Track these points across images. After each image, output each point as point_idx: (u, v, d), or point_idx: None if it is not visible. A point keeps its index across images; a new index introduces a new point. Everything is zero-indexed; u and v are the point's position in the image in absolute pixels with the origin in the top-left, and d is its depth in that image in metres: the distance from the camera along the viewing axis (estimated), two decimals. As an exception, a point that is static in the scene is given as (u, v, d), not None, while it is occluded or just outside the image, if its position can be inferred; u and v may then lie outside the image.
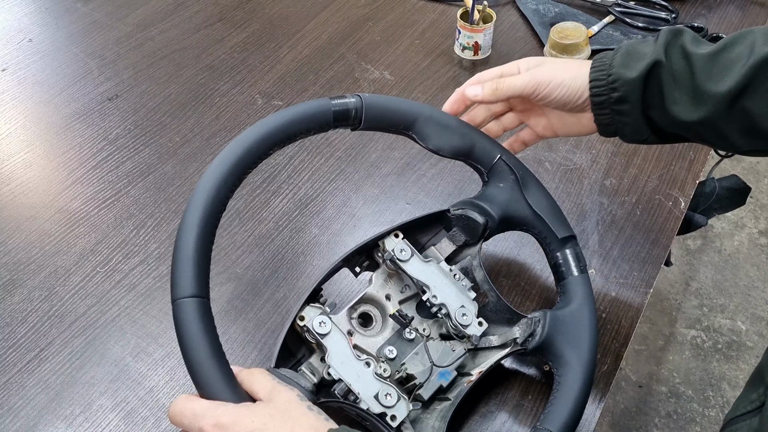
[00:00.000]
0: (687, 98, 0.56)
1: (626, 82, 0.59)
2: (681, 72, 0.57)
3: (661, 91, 0.58)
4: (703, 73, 0.56)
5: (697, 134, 0.59)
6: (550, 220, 0.66)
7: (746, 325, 1.72)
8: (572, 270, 0.66)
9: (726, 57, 0.55)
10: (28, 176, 0.91)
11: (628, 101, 0.60)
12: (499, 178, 0.67)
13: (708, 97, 0.55)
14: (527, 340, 0.63)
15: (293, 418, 0.49)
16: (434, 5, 1.16)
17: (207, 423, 0.48)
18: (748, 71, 0.53)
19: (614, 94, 0.60)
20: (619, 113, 0.61)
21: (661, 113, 0.58)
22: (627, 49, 0.61)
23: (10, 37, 1.13)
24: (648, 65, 0.58)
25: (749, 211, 1.97)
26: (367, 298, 0.66)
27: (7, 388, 0.70)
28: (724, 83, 0.54)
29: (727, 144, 0.58)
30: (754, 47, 0.54)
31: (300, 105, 0.59)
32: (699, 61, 0.56)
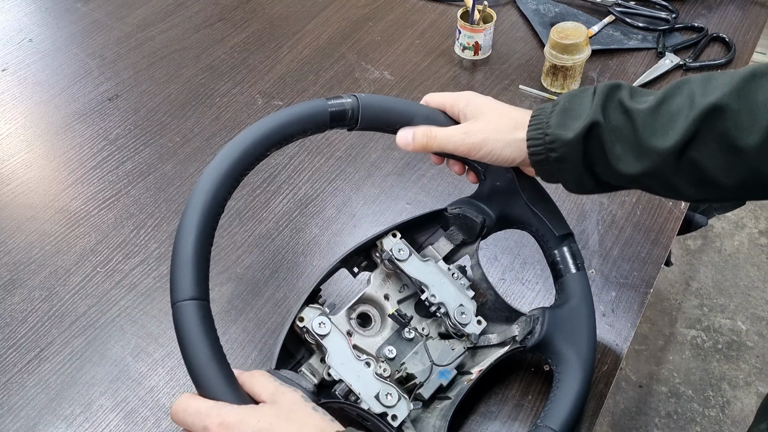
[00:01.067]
0: (631, 154, 0.55)
1: (564, 143, 0.57)
2: (622, 129, 0.56)
3: (603, 149, 0.56)
4: (645, 128, 0.54)
5: (645, 186, 0.58)
6: (547, 217, 0.66)
7: (746, 325, 1.72)
8: (569, 267, 0.66)
9: (667, 110, 0.54)
10: (28, 176, 0.91)
11: (568, 161, 0.58)
12: (496, 177, 0.67)
13: (653, 153, 0.54)
14: (526, 337, 0.63)
15: (299, 419, 0.49)
16: (434, 5, 1.16)
17: (212, 422, 0.48)
18: (692, 124, 0.52)
19: (552, 155, 0.58)
20: (560, 170, 0.59)
21: (605, 169, 0.57)
22: (563, 105, 0.59)
23: (10, 37, 1.13)
24: (585, 126, 0.56)
25: (749, 211, 1.97)
26: (366, 299, 0.66)
27: (7, 388, 0.70)
28: (668, 138, 0.53)
29: (676, 194, 0.57)
30: (694, 98, 0.53)
31: (297, 106, 0.59)
32: (639, 117, 0.55)
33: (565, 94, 0.60)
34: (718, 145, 0.51)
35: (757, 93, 0.50)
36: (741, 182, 0.52)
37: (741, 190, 0.54)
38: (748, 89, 0.50)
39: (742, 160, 0.51)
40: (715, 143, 0.52)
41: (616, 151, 0.56)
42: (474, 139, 0.61)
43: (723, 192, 0.54)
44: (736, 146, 0.50)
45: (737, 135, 0.50)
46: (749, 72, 0.51)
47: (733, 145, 0.51)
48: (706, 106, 0.51)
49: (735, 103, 0.50)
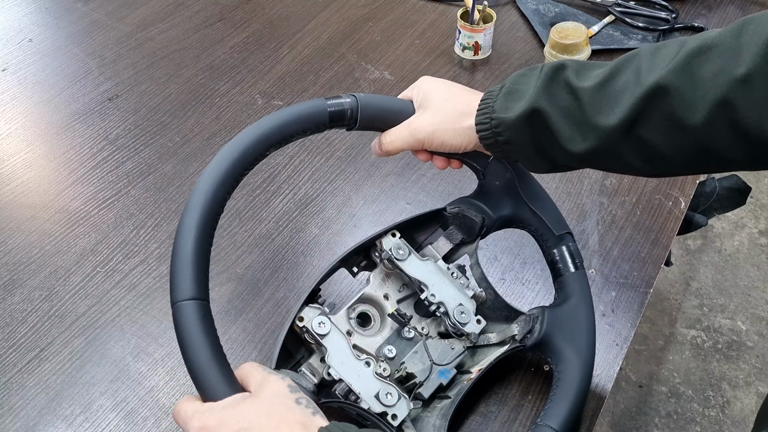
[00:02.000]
0: (579, 133, 0.55)
1: (507, 126, 0.57)
2: (568, 108, 0.55)
3: (551, 130, 0.56)
4: (591, 107, 0.53)
5: (599, 164, 0.58)
6: (546, 217, 0.66)
7: (746, 325, 1.72)
8: (569, 266, 0.66)
9: (613, 87, 0.53)
10: (28, 176, 0.91)
11: (515, 143, 0.58)
12: (495, 176, 0.67)
13: (599, 130, 0.53)
14: (526, 336, 0.63)
15: (279, 413, 0.49)
16: (434, 5, 1.16)
17: (193, 425, 0.49)
18: (637, 102, 0.51)
19: (500, 138, 0.58)
20: (511, 152, 0.59)
21: (557, 151, 0.57)
22: (508, 87, 0.59)
23: (10, 37, 1.13)
24: (526, 110, 0.56)
25: (749, 211, 1.97)
26: (366, 298, 0.66)
27: (7, 388, 0.70)
28: (613, 115, 0.52)
29: (630, 169, 0.56)
30: (640, 75, 0.52)
31: (296, 106, 0.59)
32: (586, 96, 0.54)
33: (513, 75, 0.60)
34: (664, 123, 0.51)
35: (701, 69, 0.49)
36: (691, 158, 0.52)
37: (693, 165, 0.53)
38: (692, 65, 0.49)
39: (689, 137, 0.50)
40: (661, 121, 0.51)
41: (564, 131, 0.55)
42: (422, 135, 0.62)
43: (676, 167, 0.54)
44: (683, 124, 0.50)
45: (683, 113, 0.49)
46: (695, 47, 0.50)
47: (679, 123, 0.50)
48: (651, 85, 0.50)
49: (679, 80, 0.49)
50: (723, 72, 0.48)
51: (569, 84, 0.55)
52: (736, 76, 0.47)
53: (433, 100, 0.63)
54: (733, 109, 0.47)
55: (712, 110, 0.48)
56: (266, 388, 0.51)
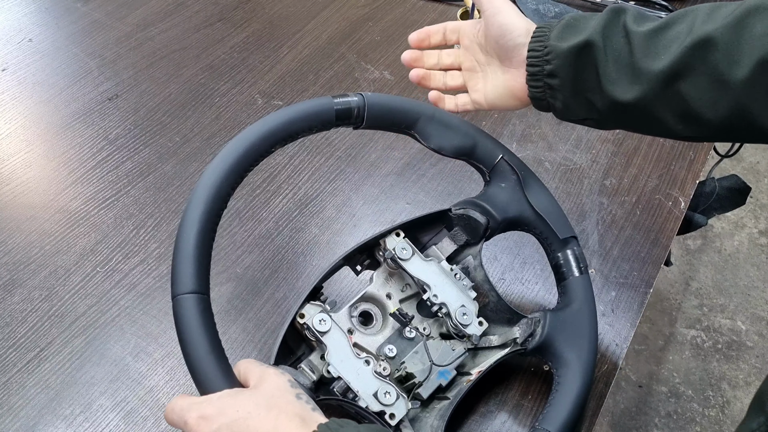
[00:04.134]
0: (624, 77, 0.55)
1: (558, 54, 0.57)
2: (619, 50, 0.55)
3: (596, 69, 0.56)
4: (641, 50, 0.54)
5: (634, 120, 0.58)
6: (551, 220, 0.66)
7: (746, 325, 1.72)
8: (573, 270, 0.66)
9: (665, 35, 0.54)
10: (28, 176, 0.91)
11: (559, 76, 0.58)
12: (501, 178, 0.67)
13: (643, 75, 0.54)
14: (527, 340, 0.63)
15: (278, 406, 0.48)
16: (434, 5, 1.16)
17: (191, 416, 0.48)
18: (684, 51, 0.52)
19: (547, 67, 0.59)
20: (551, 88, 0.59)
21: (599, 95, 0.57)
22: (568, 21, 0.59)
23: (10, 37, 1.13)
24: (581, 42, 0.56)
25: (749, 211, 1.97)
26: (368, 297, 0.66)
27: (7, 388, 0.70)
28: (660, 61, 0.53)
29: (663, 129, 0.57)
30: (694, 26, 0.52)
31: (302, 103, 0.59)
32: (638, 39, 0.55)
33: (576, 13, 0.61)
34: (707, 76, 0.51)
35: (753, 26, 0.49)
36: (726, 118, 0.52)
37: (725, 128, 0.53)
38: (745, 23, 0.50)
39: (728, 94, 0.50)
40: (704, 75, 0.51)
41: (610, 72, 0.56)
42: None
43: (708, 129, 0.54)
44: (724, 79, 0.50)
45: (726, 68, 0.50)
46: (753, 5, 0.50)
47: (721, 79, 0.50)
48: (701, 36, 0.51)
49: (729, 34, 0.50)
50: None
51: (625, 26, 0.56)
52: None
53: None
54: None
55: (756, 68, 0.48)
56: (266, 382, 0.51)
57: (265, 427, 0.47)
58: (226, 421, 0.47)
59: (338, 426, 0.46)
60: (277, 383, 0.51)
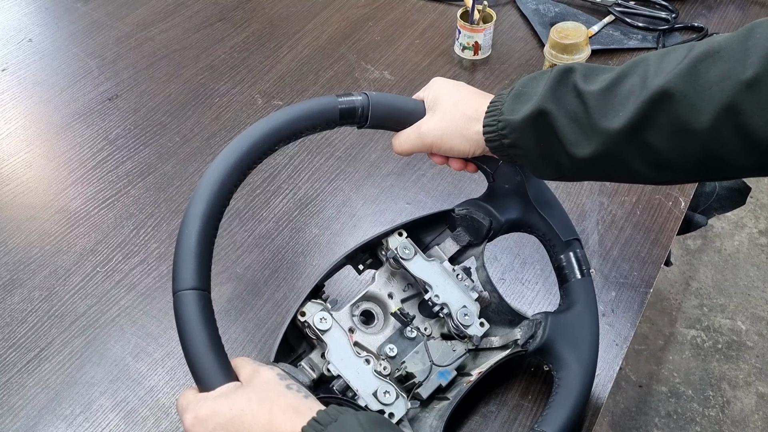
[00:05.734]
0: (584, 138, 0.54)
1: (513, 128, 0.57)
2: (575, 113, 0.54)
3: (556, 134, 0.55)
4: (597, 110, 0.53)
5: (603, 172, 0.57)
6: (554, 222, 0.66)
7: (746, 325, 1.72)
8: (575, 273, 0.66)
9: (619, 91, 0.53)
10: (28, 176, 0.91)
11: (520, 147, 0.58)
12: (505, 180, 0.67)
13: (604, 134, 0.53)
14: (528, 341, 0.63)
15: (270, 399, 0.49)
16: (434, 5, 1.16)
17: (188, 417, 0.49)
18: (642, 105, 0.51)
19: (505, 141, 0.58)
20: (516, 156, 0.59)
21: (563, 156, 0.56)
22: (517, 90, 0.58)
23: (10, 37, 1.13)
24: (532, 111, 0.56)
25: (749, 211, 1.97)
26: (370, 296, 0.66)
27: (7, 388, 0.70)
28: (617, 119, 0.52)
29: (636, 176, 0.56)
30: (647, 79, 0.52)
31: (306, 102, 0.59)
32: (592, 99, 0.54)
33: (523, 78, 0.59)
34: (670, 127, 0.50)
35: (707, 73, 0.49)
36: (697, 164, 0.51)
37: (699, 172, 0.53)
38: (698, 69, 0.49)
39: (695, 143, 0.50)
40: (667, 126, 0.51)
41: (569, 135, 0.55)
42: (430, 139, 0.62)
43: (682, 174, 0.54)
44: (688, 129, 0.49)
45: (688, 117, 0.49)
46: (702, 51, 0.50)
47: (685, 128, 0.50)
48: (656, 89, 0.50)
49: (684, 84, 0.49)
50: (729, 76, 0.47)
51: (576, 87, 0.55)
52: (743, 80, 0.46)
53: (443, 103, 0.62)
54: (739, 113, 0.47)
55: (719, 114, 0.48)
56: (257, 378, 0.51)
57: (259, 422, 0.47)
58: (221, 421, 0.48)
59: (337, 413, 0.46)
60: (267, 377, 0.51)
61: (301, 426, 0.46)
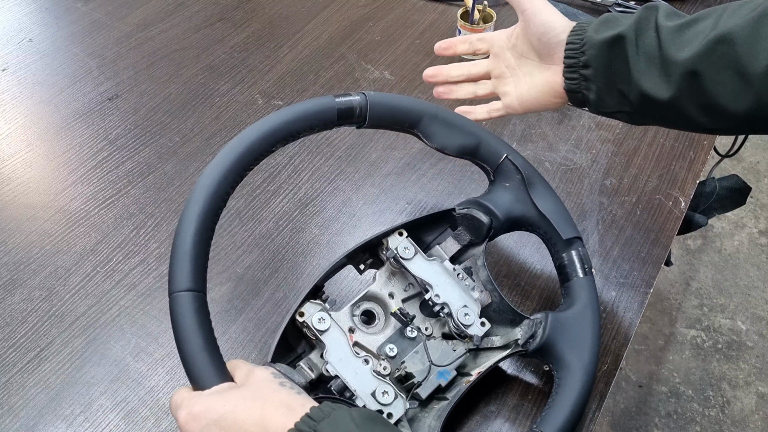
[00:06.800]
0: (653, 69, 0.58)
1: (592, 45, 0.61)
2: (649, 44, 0.59)
3: (627, 62, 0.59)
4: (668, 43, 0.58)
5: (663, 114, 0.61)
6: (555, 220, 0.66)
7: (746, 325, 1.72)
8: (577, 272, 0.65)
9: (692, 29, 0.57)
10: (28, 176, 0.91)
11: (592, 66, 0.62)
12: (505, 178, 0.67)
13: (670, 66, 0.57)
14: (528, 341, 0.63)
15: (263, 396, 0.49)
16: (434, 5, 1.16)
17: (181, 414, 0.49)
18: (707, 44, 0.55)
19: (582, 58, 0.62)
20: (586, 79, 0.63)
21: (629, 86, 0.60)
22: (605, 17, 0.63)
23: (10, 37, 1.13)
24: (614, 35, 0.60)
25: (749, 211, 1.97)
26: (370, 296, 0.66)
27: (7, 388, 0.70)
28: (683, 52, 0.56)
29: (690, 123, 0.59)
30: (719, 22, 0.55)
31: (304, 102, 0.59)
32: (666, 33, 0.58)
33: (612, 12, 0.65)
34: (727, 70, 0.54)
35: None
36: (748, 111, 0.54)
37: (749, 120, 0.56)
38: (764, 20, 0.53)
39: (749, 87, 0.53)
40: (725, 68, 0.54)
41: (640, 64, 0.59)
42: None
43: (732, 121, 0.57)
44: (744, 72, 0.53)
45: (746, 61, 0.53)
46: None
47: (741, 71, 0.53)
48: (723, 31, 0.54)
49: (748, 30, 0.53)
50: None
51: (657, 22, 0.59)
52: None
53: None
54: None
55: None
56: (251, 377, 0.52)
57: (252, 418, 0.48)
58: (214, 417, 0.48)
59: (331, 409, 0.47)
60: (261, 376, 0.52)
61: (294, 422, 0.46)
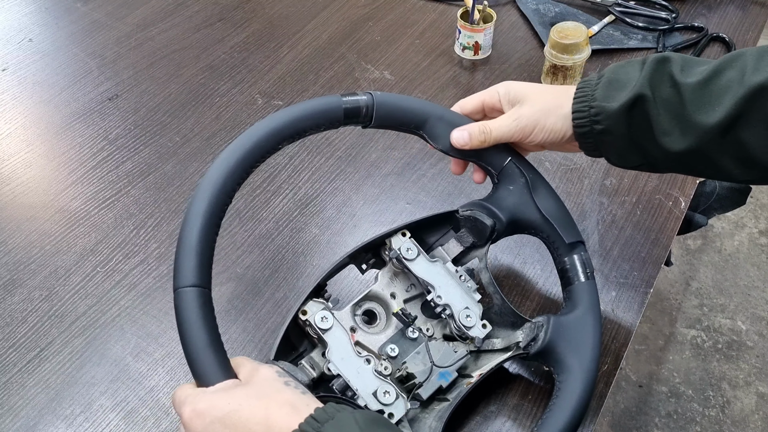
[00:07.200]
0: (677, 129, 0.55)
1: (609, 115, 0.58)
2: (670, 103, 0.55)
3: (649, 122, 0.56)
4: (693, 103, 0.54)
5: (691, 167, 0.58)
6: (558, 224, 0.66)
7: (746, 325, 1.72)
8: (579, 276, 0.65)
9: (716, 85, 0.53)
10: (28, 176, 0.91)
11: (612, 133, 0.58)
12: (509, 181, 0.66)
13: (698, 128, 0.54)
14: (529, 344, 0.63)
15: (268, 395, 0.49)
16: (434, 5, 1.16)
17: (185, 410, 0.49)
18: (739, 102, 0.51)
19: (597, 126, 0.59)
20: (603, 143, 0.60)
21: (651, 144, 0.57)
22: (609, 77, 0.59)
23: (10, 37, 1.13)
24: (631, 98, 0.56)
25: (749, 211, 1.97)
26: (372, 296, 0.66)
27: (7, 388, 0.70)
28: (714, 114, 0.53)
29: (722, 174, 0.56)
30: (744, 75, 0.52)
31: (310, 101, 0.59)
32: (688, 92, 0.54)
33: (612, 66, 0.60)
34: (763, 124, 0.51)
35: None
36: None
37: None
38: None
39: None
40: (762, 123, 0.51)
41: (663, 124, 0.56)
42: (526, 122, 0.62)
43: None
44: None
45: None
46: None
47: None
48: (756, 84, 0.51)
49: None
50: None
51: (673, 77, 0.55)
52: None
53: (529, 93, 0.63)
54: None
55: None
56: (256, 375, 0.51)
57: (256, 417, 0.47)
58: (218, 415, 0.48)
59: (335, 410, 0.47)
60: (266, 375, 0.51)
61: (298, 423, 0.46)
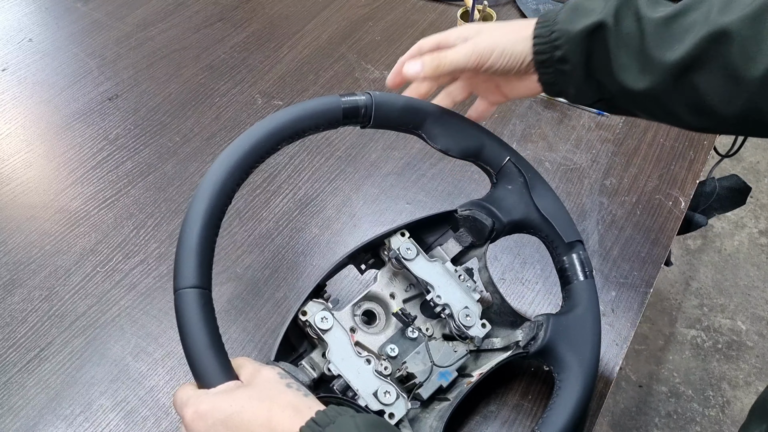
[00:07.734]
0: (635, 64, 0.53)
1: (569, 39, 0.56)
2: (631, 36, 0.53)
3: (608, 54, 0.54)
4: (654, 38, 0.52)
5: (645, 108, 0.57)
6: (557, 223, 0.66)
7: (746, 324, 1.72)
8: (578, 275, 0.65)
9: (680, 23, 0.52)
10: (28, 176, 0.91)
11: (570, 61, 0.56)
12: (508, 180, 0.66)
13: (656, 66, 0.52)
14: (529, 343, 0.63)
15: (270, 397, 0.49)
16: (434, 5, 1.16)
17: (187, 412, 0.49)
18: (699, 42, 0.50)
19: (557, 53, 0.57)
20: (563, 73, 0.58)
21: (609, 79, 0.55)
22: (575, 3, 0.57)
23: (10, 36, 1.13)
24: (592, 23, 0.54)
25: (749, 211, 1.97)
26: (372, 296, 0.66)
27: (7, 388, 0.70)
28: (674, 52, 0.51)
29: (675, 119, 0.55)
30: (710, 15, 0.50)
31: (309, 101, 0.60)
32: (651, 26, 0.53)
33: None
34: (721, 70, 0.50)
35: None
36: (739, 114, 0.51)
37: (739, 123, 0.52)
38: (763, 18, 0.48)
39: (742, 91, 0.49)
40: (718, 69, 0.50)
41: (621, 58, 0.54)
42: (484, 46, 0.59)
43: (721, 122, 0.53)
44: (739, 75, 0.49)
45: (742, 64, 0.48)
46: None
47: (735, 74, 0.49)
48: (717, 27, 0.49)
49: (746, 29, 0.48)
50: None
51: (638, 11, 0.54)
52: None
53: (488, 25, 0.62)
54: None
55: None
56: (258, 377, 0.51)
57: (259, 419, 0.47)
58: (221, 417, 0.48)
59: (336, 414, 0.46)
60: (268, 376, 0.51)
61: (300, 426, 0.46)
